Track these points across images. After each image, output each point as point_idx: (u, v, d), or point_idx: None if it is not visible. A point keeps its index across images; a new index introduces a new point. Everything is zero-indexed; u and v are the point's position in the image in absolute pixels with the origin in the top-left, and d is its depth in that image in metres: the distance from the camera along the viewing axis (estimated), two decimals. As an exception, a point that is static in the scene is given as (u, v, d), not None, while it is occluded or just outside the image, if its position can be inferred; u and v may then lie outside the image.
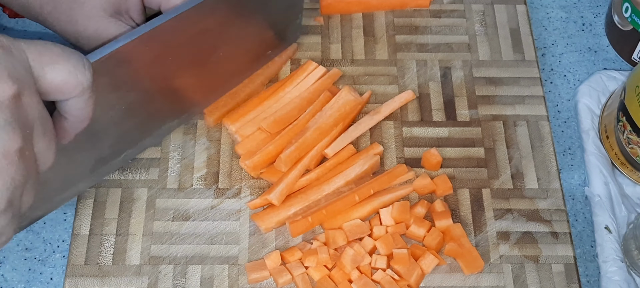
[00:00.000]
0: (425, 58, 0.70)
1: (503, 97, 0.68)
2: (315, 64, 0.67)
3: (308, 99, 0.65)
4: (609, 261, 0.59)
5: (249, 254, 0.59)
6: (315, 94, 0.65)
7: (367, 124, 0.64)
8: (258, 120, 0.63)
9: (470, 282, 0.58)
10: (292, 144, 0.61)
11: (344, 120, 0.64)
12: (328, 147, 0.63)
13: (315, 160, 0.62)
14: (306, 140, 0.62)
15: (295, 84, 0.66)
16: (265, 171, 0.62)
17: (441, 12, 0.73)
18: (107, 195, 0.61)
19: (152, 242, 0.59)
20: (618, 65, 0.73)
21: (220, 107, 0.64)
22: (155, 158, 0.63)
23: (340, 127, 0.63)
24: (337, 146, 0.63)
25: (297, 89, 0.66)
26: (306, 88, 0.66)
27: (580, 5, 0.77)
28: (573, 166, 0.66)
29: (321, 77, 0.66)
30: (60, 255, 0.60)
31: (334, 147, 0.63)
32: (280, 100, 0.65)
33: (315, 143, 0.62)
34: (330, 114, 0.63)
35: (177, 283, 0.57)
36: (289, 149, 0.61)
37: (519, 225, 0.61)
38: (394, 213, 0.59)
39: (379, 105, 0.66)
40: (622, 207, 0.63)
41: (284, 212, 0.59)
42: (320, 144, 0.62)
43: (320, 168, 0.62)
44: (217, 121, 0.64)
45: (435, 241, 0.58)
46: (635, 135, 0.61)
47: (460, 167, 0.63)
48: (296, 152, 0.61)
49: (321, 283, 0.57)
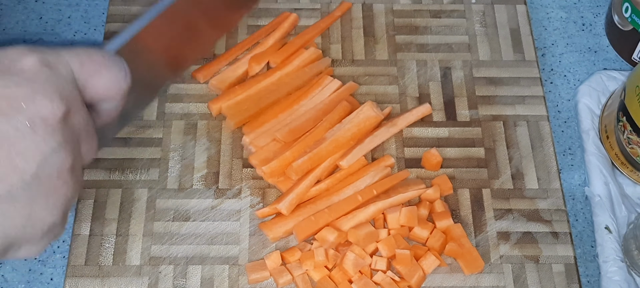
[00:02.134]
0: (425, 58, 0.70)
1: (503, 97, 0.68)
2: (331, 78, 0.66)
3: (323, 110, 0.64)
4: (609, 261, 0.59)
5: (249, 254, 0.59)
6: (331, 105, 0.65)
7: (383, 136, 0.64)
8: (272, 131, 0.63)
9: (471, 282, 0.58)
10: (306, 154, 0.61)
11: (362, 134, 0.63)
12: (342, 159, 0.62)
13: (327, 172, 0.62)
14: (320, 151, 0.61)
15: (310, 97, 0.65)
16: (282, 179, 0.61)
17: (441, 12, 0.73)
18: (107, 196, 0.61)
19: (152, 243, 0.59)
20: (618, 65, 0.73)
21: (242, 112, 0.64)
22: (155, 159, 0.63)
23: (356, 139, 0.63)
24: (351, 158, 0.62)
25: (312, 101, 0.65)
26: (321, 101, 0.65)
27: (580, 5, 0.77)
28: (573, 166, 0.66)
29: (336, 90, 0.66)
30: (61, 255, 0.60)
31: (348, 159, 0.62)
32: (295, 113, 0.65)
33: (329, 154, 0.62)
34: (349, 127, 0.63)
35: (177, 284, 0.57)
36: (301, 159, 0.61)
37: (519, 225, 0.61)
38: (402, 219, 0.59)
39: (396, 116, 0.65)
40: (622, 207, 0.63)
41: (293, 222, 0.59)
42: (334, 156, 0.62)
43: (331, 179, 0.62)
44: (238, 125, 0.64)
45: (438, 243, 0.58)
46: (635, 135, 0.61)
47: (461, 167, 0.63)
48: (309, 162, 0.61)
49: (321, 283, 0.57)
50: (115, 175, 0.62)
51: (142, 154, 0.63)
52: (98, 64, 0.40)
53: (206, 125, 0.65)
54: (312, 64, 0.68)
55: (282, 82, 0.66)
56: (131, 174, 0.62)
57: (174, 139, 0.64)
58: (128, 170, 0.62)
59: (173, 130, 0.65)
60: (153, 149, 0.63)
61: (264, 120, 0.64)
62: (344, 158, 0.62)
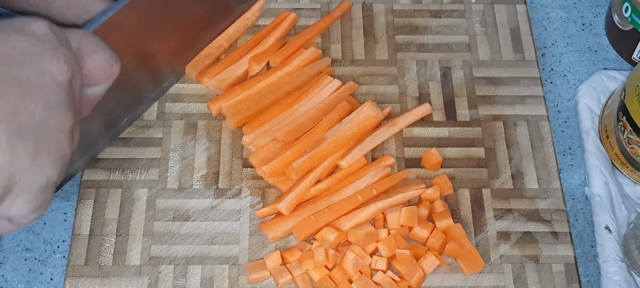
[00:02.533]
0: (425, 58, 0.70)
1: (503, 97, 0.68)
2: (331, 78, 0.66)
3: (323, 110, 0.64)
4: (609, 261, 0.59)
5: (249, 254, 0.59)
6: (331, 105, 0.65)
7: (383, 136, 0.64)
8: (272, 131, 0.63)
9: (471, 282, 0.58)
10: (306, 154, 0.61)
11: (362, 134, 0.63)
12: (343, 159, 0.62)
13: (327, 171, 0.62)
14: (320, 151, 0.61)
15: (310, 97, 0.65)
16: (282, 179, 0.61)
17: (441, 12, 0.73)
18: (108, 196, 0.61)
19: (152, 242, 0.59)
20: (618, 65, 0.73)
21: (242, 112, 0.64)
22: (155, 159, 0.63)
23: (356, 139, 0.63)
24: (351, 158, 0.62)
25: (312, 101, 0.65)
26: (321, 100, 0.65)
27: (580, 5, 0.77)
28: (573, 166, 0.66)
29: (336, 90, 0.66)
30: (61, 255, 0.60)
31: (348, 159, 0.62)
32: (294, 113, 0.65)
33: (329, 154, 0.62)
34: (349, 127, 0.63)
35: (177, 284, 0.57)
36: (301, 159, 0.61)
37: (519, 225, 0.61)
38: (403, 219, 0.59)
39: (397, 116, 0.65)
40: (622, 206, 0.63)
41: (293, 222, 0.59)
42: (334, 156, 0.62)
43: (331, 179, 0.62)
44: (238, 125, 0.64)
45: (438, 243, 0.58)
46: (635, 135, 0.61)
47: (461, 167, 0.63)
48: (309, 162, 0.61)
49: (321, 283, 0.57)
50: (115, 175, 0.62)
51: (142, 154, 0.63)
52: (93, 44, 0.43)
53: (206, 125, 0.65)
54: (312, 63, 0.68)
55: (282, 81, 0.66)
56: (131, 174, 0.62)
57: (174, 139, 0.64)
58: (128, 170, 0.62)
59: (173, 130, 0.65)
60: (153, 149, 0.63)
61: (264, 120, 0.64)
62: (344, 158, 0.62)
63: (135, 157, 0.63)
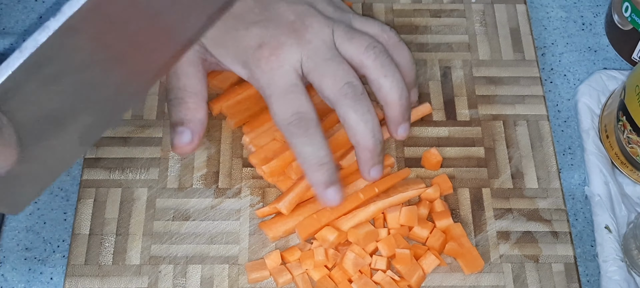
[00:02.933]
0: (425, 58, 0.70)
1: (503, 96, 0.68)
2: None
3: (323, 109, 0.64)
4: (609, 260, 0.59)
5: (249, 254, 0.59)
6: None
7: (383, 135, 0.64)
8: (272, 131, 0.63)
9: (470, 281, 0.58)
10: None
11: None
12: (343, 159, 0.62)
13: None
14: None
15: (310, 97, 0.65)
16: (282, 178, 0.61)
17: (441, 11, 0.73)
18: (107, 195, 0.61)
19: (152, 242, 0.59)
20: (618, 64, 0.73)
21: (243, 111, 0.64)
22: (155, 158, 0.63)
23: None
24: (351, 158, 0.62)
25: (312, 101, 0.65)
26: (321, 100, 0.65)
27: (580, 5, 0.77)
28: (573, 166, 0.66)
29: None
30: (60, 255, 0.60)
31: (348, 159, 0.62)
32: None
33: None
34: None
35: (177, 283, 0.57)
36: None
37: (519, 225, 0.61)
38: (403, 219, 0.59)
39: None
40: (622, 206, 0.63)
41: (292, 221, 0.59)
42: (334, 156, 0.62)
43: None
44: (238, 124, 0.64)
45: (438, 242, 0.58)
46: (635, 135, 0.61)
47: (460, 166, 0.63)
48: None
49: (321, 283, 0.57)
50: (115, 175, 0.62)
51: (142, 153, 0.63)
52: None
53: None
54: None
55: None
56: (131, 173, 0.62)
57: (174, 139, 0.64)
58: (128, 170, 0.62)
59: (173, 130, 0.65)
60: (153, 149, 0.63)
61: (264, 119, 0.64)
62: (344, 158, 0.62)
63: (135, 156, 0.63)
